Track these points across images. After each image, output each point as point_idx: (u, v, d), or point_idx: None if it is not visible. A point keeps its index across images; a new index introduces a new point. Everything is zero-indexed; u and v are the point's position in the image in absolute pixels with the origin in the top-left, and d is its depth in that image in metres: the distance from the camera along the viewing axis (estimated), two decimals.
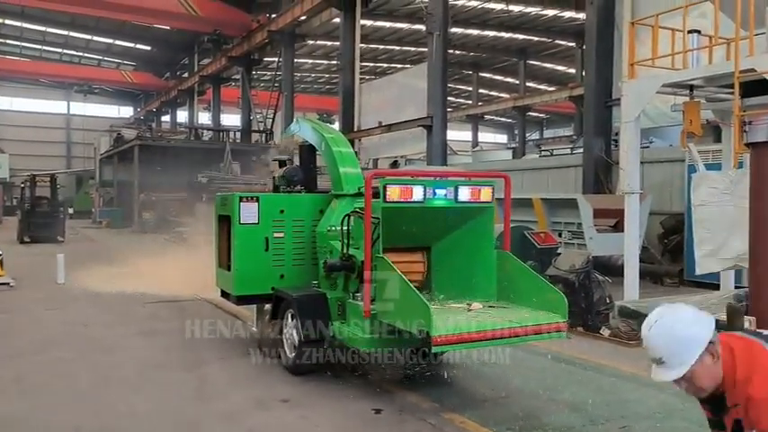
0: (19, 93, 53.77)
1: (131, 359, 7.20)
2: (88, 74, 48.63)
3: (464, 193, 5.83)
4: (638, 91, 9.07)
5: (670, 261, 13.55)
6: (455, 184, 5.83)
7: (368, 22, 30.69)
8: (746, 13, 7.82)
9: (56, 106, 56.28)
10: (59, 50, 47.16)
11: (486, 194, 5.93)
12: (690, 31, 8.61)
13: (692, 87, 8.71)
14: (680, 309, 2.58)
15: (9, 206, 41.13)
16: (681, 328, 2.47)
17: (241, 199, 7.01)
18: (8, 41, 45.24)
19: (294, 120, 9.51)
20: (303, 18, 25.83)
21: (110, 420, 5.30)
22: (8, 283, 12.38)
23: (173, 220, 28.03)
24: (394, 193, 5.55)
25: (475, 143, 48.26)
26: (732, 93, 7.79)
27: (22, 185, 25.38)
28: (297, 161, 8.45)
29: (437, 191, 5.74)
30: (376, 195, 5.66)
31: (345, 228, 6.10)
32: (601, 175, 15.09)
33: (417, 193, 5.63)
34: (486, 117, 50.72)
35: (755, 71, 7.45)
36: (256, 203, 7.05)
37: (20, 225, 23.78)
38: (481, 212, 6.04)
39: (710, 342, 2.47)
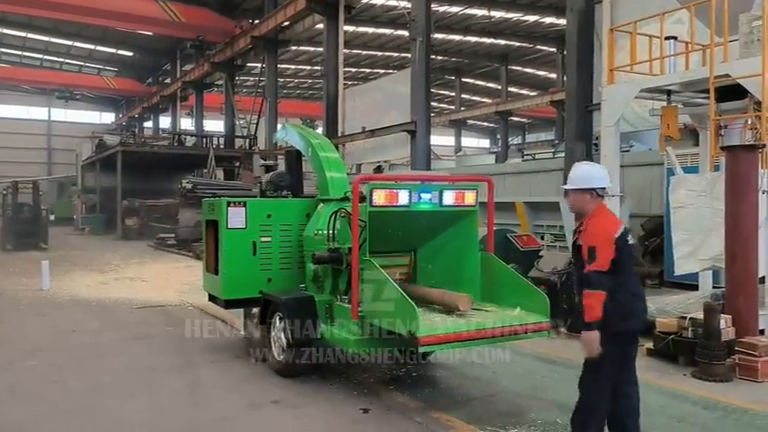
0: None
1: (122, 364, 7.24)
2: (69, 80, 48.14)
3: (448, 198, 5.97)
4: (616, 96, 9.28)
5: (651, 262, 13.78)
6: (440, 189, 5.97)
7: (350, 28, 30.79)
8: (721, 21, 8.07)
9: (37, 112, 55.73)
10: (40, 56, 46.76)
11: (469, 198, 6.07)
12: (667, 38, 8.83)
13: (669, 92, 8.94)
14: (591, 165, 4.73)
15: None
16: (582, 171, 4.43)
17: (228, 204, 7.10)
18: None
19: (281, 126, 9.61)
20: (286, 24, 25.82)
21: (105, 426, 5.34)
22: None
23: (156, 227, 27.95)
24: (380, 197, 5.66)
25: (458, 148, 48.55)
26: (708, 98, 8.02)
27: (4, 192, 25.17)
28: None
29: (422, 195, 5.87)
30: (363, 200, 5.78)
31: (332, 225, 6.23)
32: None
33: (403, 197, 5.76)
34: (469, 122, 51.06)
35: (730, 77, 7.68)
36: (244, 208, 7.13)
37: (2, 232, 23.59)
38: (465, 216, 6.19)
39: (592, 189, 4.32)
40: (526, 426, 5.19)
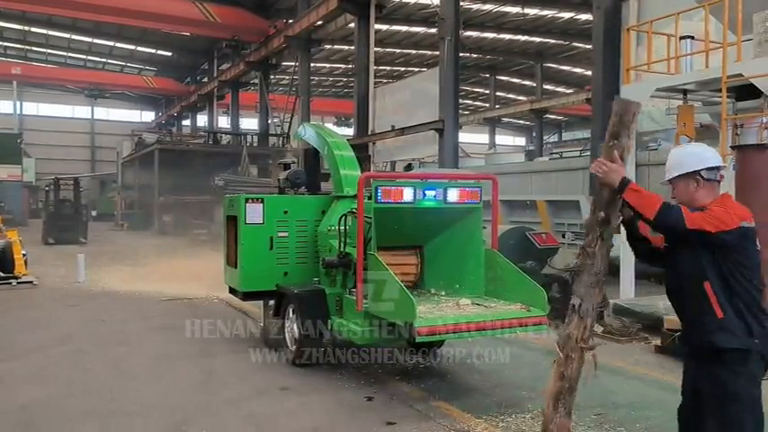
0: (45, 98, 55.06)
1: (144, 352, 7.63)
2: (111, 79, 49.60)
3: (453, 195, 6.17)
4: (631, 96, 9.29)
5: None
6: (444, 186, 6.16)
7: (384, 27, 31.03)
8: (735, 19, 8.07)
9: (80, 111, 57.53)
10: (84, 57, 48.24)
11: (473, 196, 6.26)
12: (682, 37, 8.85)
13: (685, 92, 8.97)
14: (696, 145, 3.69)
15: (35, 209, 42.22)
16: (682, 155, 3.42)
17: (247, 200, 7.41)
18: (34, 48, 46.39)
19: (301, 125, 9.91)
20: (319, 23, 26.19)
21: (122, 405, 5.69)
22: (32, 282, 12.95)
23: (191, 223, 28.66)
24: (385, 194, 5.90)
25: (492, 146, 48.41)
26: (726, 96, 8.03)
27: (47, 188, 26.14)
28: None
29: (427, 192, 6.07)
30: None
31: (342, 227, 6.47)
32: None
33: (407, 194, 5.98)
34: (504, 120, 50.81)
35: (743, 76, 7.70)
36: (261, 204, 7.44)
37: (44, 227, 24.52)
38: (469, 213, 6.37)
39: (696, 173, 3.27)
40: (521, 414, 5.36)
